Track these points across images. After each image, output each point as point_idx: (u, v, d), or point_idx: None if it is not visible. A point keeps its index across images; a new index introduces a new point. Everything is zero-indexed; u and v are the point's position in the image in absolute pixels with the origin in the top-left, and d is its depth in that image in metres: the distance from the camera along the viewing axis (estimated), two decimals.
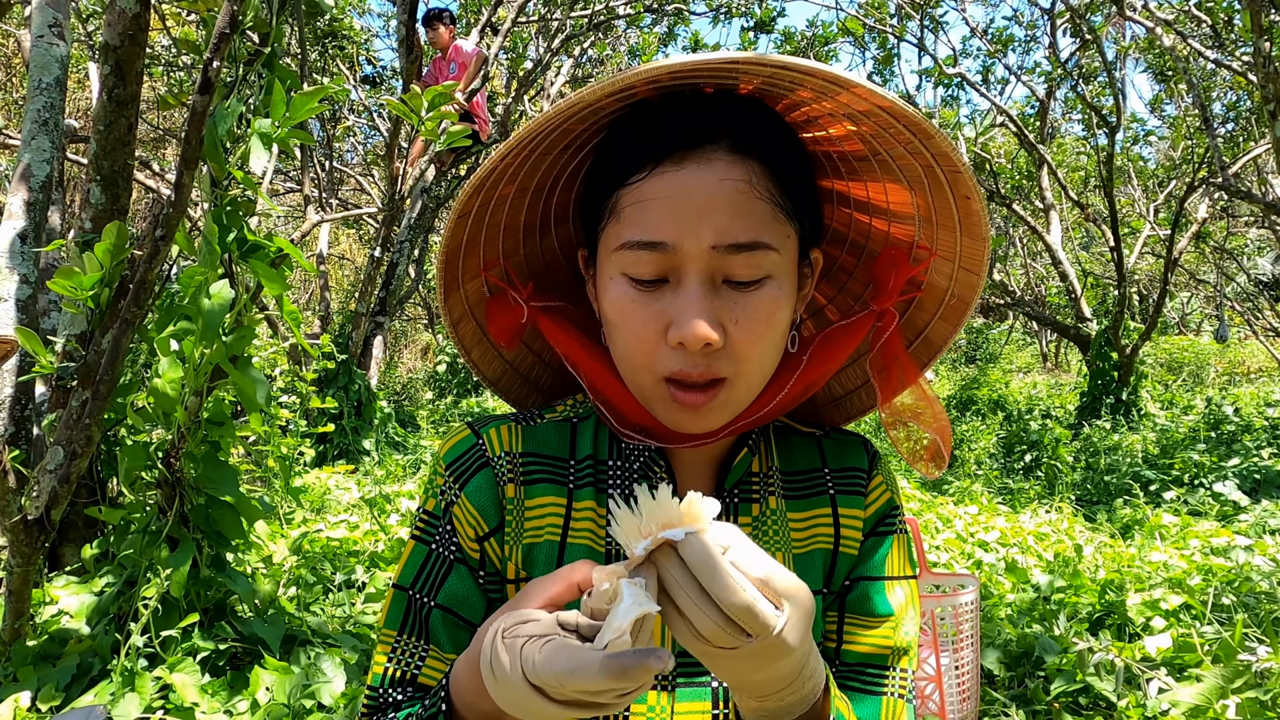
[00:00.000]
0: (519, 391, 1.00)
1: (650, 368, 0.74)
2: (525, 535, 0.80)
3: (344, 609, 3.23)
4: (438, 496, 0.82)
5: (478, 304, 0.90)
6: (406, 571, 0.81)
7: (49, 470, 2.30)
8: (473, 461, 0.81)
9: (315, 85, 2.13)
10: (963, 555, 4.12)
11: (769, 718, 0.68)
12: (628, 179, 0.72)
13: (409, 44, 5.98)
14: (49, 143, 2.76)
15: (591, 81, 8.76)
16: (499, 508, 0.80)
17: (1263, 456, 5.94)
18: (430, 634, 0.79)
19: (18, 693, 2.25)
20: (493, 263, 0.88)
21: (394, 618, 0.80)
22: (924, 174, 0.83)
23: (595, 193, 0.79)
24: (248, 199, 2.29)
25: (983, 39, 11.89)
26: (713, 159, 0.71)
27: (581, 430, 0.86)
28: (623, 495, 0.82)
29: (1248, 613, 2.94)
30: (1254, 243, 16.54)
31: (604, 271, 0.76)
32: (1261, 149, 9.01)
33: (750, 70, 0.71)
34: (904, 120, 0.75)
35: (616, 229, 0.73)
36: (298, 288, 18.83)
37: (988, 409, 9.94)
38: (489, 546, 0.80)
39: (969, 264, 0.87)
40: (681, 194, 0.70)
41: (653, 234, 0.70)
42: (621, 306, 0.74)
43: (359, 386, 7.16)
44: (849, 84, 0.71)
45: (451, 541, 0.80)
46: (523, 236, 0.89)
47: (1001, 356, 19.83)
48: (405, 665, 0.78)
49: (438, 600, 0.79)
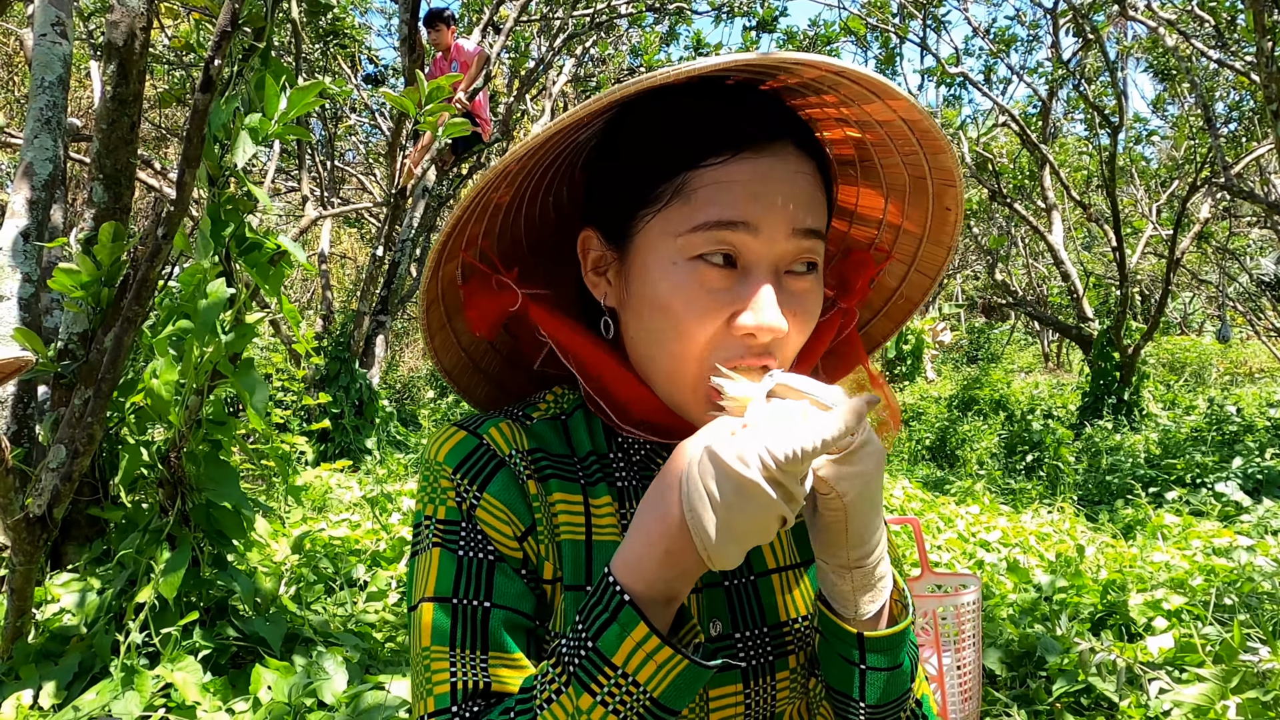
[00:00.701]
0: (469, 380, 0.94)
1: (703, 357, 0.72)
2: (558, 533, 0.77)
3: (345, 608, 3.23)
4: (449, 502, 0.76)
5: (448, 288, 0.85)
6: (441, 583, 0.74)
7: (51, 468, 2.30)
8: (486, 461, 0.77)
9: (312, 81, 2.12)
10: (965, 555, 4.12)
11: (868, 586, 0.71)
12: (700, 161, 0.71)
13: (411, 43, 5.98)
14: (51, 141, 2.77)
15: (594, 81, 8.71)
16: (528, 506, 0.76)
17: (1265, 457, 5.94)
18: (491, 640, 0.72)
19: (20, 690, 2.26)
20: (471, 242, 0.82)
21: (441, 633, 0.73)
22: (910, 184, 0.85)
23: (632, 176, 0.75)
24: (246, 196, 2.28)
25: (985, 38, 11.88)
26: (787, 152, 0.72)
27: (574, 426, 0.83)
28: (634, 489, 0.80)
29: (1250, 613, 2.93)
30: (1256, 243, 16.51)
31: (658, 255, 0.73)
32: (1264, 149, 9.00)
33: (793, 70, 0.73)
34: (926, 137, 0.77)
35: (685, 210, 0.71)
36: (299, 287, 18.85)
37: (990, 409, 9.94)
38: (528, 545, 0.76)
39: (925, 268, 0.91)
40: (763, 179, 0.71)
41: (737, 214, 0.70)
42: (688, 292, 0.71)
43: (361, 385, 7.16)
44: (894, 94, 0.73)
45: (485, 544, 0.75)
46: (499, 215, 0.84)
47: (1003, 356, 19.83)
48: (474, 676, 0.71)
49: (494, 601, 0.73)
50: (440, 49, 7.23)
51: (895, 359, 13.25)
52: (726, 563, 0.61)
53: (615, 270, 0.79)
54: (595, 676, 0.62)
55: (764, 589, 0.81)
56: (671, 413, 0.78)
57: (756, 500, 0.59)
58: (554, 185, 0.87)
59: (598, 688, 0.62)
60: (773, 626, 0.80)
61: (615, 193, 0.77)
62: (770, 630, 0.80)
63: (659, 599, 0.64)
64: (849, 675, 0.74)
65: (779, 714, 0.79)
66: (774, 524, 0.60)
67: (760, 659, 0.78)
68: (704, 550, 0.61)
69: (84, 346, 2.50)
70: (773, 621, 0.80)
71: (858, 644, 0.73)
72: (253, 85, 2.16)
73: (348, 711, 2.34)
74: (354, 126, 13.46)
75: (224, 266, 2.26)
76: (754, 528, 0.60)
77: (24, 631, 2.41)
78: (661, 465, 0.80)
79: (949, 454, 8.17)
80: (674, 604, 0.65)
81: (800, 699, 0.81)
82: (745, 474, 0.59)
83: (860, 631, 0.73)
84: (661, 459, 0.82)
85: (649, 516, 0.65)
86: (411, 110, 2.87)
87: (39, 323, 2.71)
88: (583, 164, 0.86)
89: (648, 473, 0.81)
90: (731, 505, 0.59)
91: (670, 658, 0.62)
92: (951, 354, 19.97)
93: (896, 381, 13.19)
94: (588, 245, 0.81)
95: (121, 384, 2.43)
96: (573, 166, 0.86)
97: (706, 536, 0.61)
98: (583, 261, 0.82)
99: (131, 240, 2.48)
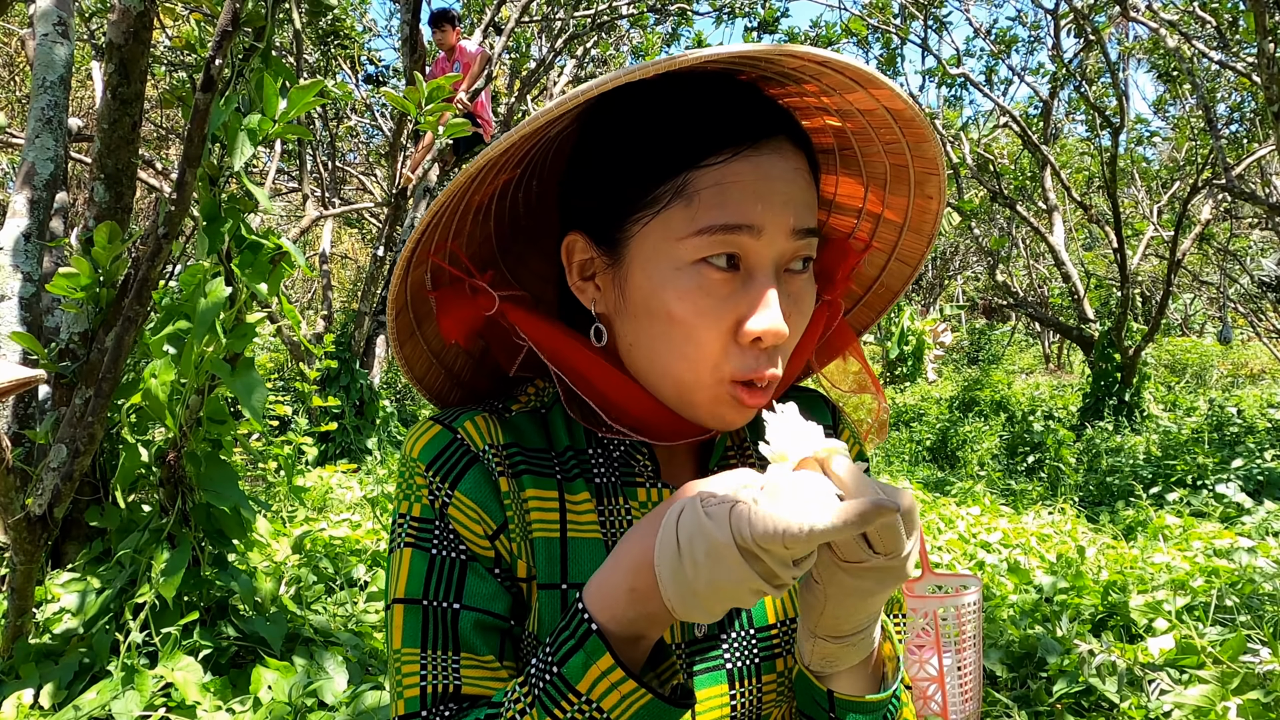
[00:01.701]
0: (441, 385, 0.90)
1: (717, 363, 0.70)
2: (530, 530, 0.75)
3: (346, 608, 3.23)
4: (423, 499, 0.74)
5: (415, 294, 0.81)
6: (412, 583, 0.72)
7: (52, 468, 2.30)
8: (458, 457, 0.75)
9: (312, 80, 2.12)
10: (965, 556, 4.12)
11: (830, 662, 0.69)
12: (701, 161, 0.68)
13: (413, 44, 5.99)
14: (53, 141, 2.77)
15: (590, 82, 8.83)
16: (499, 503, 0.74)
17: (1266, 458, 5.93)
18: (461, 641, 0.71)
19: (20, 690, 2.26)
20: (440, 246, 0.78)
21: (411, 634, 0.71)
22: (890, 172, 0.84)
23: (624, 177, 0.72)
24: (246, 196, 2.28)
25: (986, 39, 11.88)
26: (783, 148, 0.70)
27: (552, 420, 0.81)
28: (613, 485, 0.78)
29: (1251, 614, 2.93)
30: (1257, 244, 16.51)
31: (659, 260, 0.70)
32: (1266, 150, 9.00)
33: (776, 60, 0.71)
34: (909, 126, 0.76)
35: (687, 212, 0.68)
36: (300, 287, 18.85)
37: (990, 410, 9.93)
38: (500, 544, 0.74)
39: (906, 257, 0.90)
40: (765, 178, 0.69)
41: (742, 217, 0.67)
42: (693, 299, 0.68)
43: (361, 385, 7.17)
44: (878, 83, 0.71)
45: (457, 543, 0.73)
46: (469, 214, 0.80)
47: (1004, 357, 19.83)
48: (443, 680, 0.70)
49: (464, 602, 0.72)
50: (444, 49, 7.24)
51: (896, 360, 13.26)
52: (693, 618, 0.59)
53: (607, 276, 0.75)
54: (559, 702, 0.61)
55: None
56: (668, 411, 0.76)
57: (727, 567, 0.55)
58: (523, 180, 0.83)
59: (560, 713, 0.61)
60: (760, 629, 0.79)
61: (604, 195, 0.73)
62: (758, 633, 0.79)
63: (625, 635, 0.62)
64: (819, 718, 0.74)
65: (765, 717, 0.78)
66: (748, 596, 0.56)
67: (747, 662, 0.77)
68: (668, 602, 0.59)
69: (85, 346, 2.51)
70: (760, 624, 0.79)
71: (827, 701, 0.72)
72: (253, 85, 2.15)
73: (348, 712, 2.34)
74: (355, 127, 13.47)
75: (223, 266, 2.26)
76: (723, 594, 0.56)
77: (24, 631, 2.42)
78: (642, 461, 0.80)
79: (950, 455, 8.17)
80: (641, 643, 0.63)
81: (787, 702, 0.80)
82: (718, 538, 0.55)
83: (830, 690, 0.72)
84: (642, 454, 0.80)
85: (626, 547, 0.62)
86: (412, 111, 2.87)
87: (40, 322, 2.71)
88: (564, 162, 0.81)
89: (627, 469, 0.79)
90: (699, 565, 0.56)
91: (634, 690, 0.60)
92: (952, 355, 19.97)
93: (897, 383, 13.19)
94: (573, 250, 0.77)
95: (122, 384, 2.43)
96: (545, 158, 0.82)
97: (670, 590, 0.58)
98: (567, 267, 0.78)
99: (130, 239, 2.48)
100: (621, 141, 0.72)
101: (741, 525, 0.54)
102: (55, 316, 3.07)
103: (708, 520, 0.56)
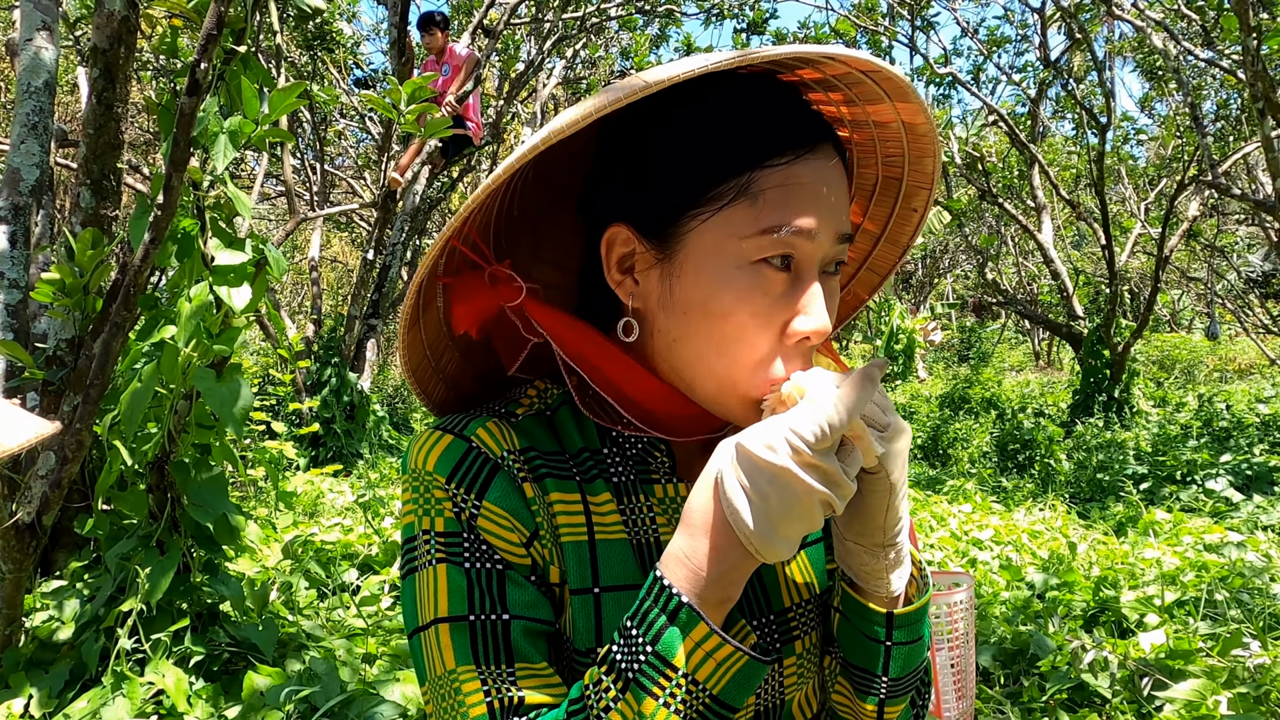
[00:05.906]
0: (428, 381, 0.87)
1: (763, 362, 0.70)
2: (559, 535, 0.74)
3: (338, 612, 3.22)
4: (445, 513, 0.71)
5: (426, 282, 0.78)
6: (453, 600, 0.69)
7: (40, 475, 2.29)
8: (480, 466, 0.72)
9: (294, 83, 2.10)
10: (957, 553, 4.13)
11: (895, 564, 0.73)
12: (766, 161, 0.68)
13: (400, 47, 5.97)
14: (38, 147, 2.75)
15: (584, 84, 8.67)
16: (529, 509, 0.72)
17: (1255, 453, 5.96)
18: (515, 651, 0.69)
19: (10, 699, 2.24)
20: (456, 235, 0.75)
21: (462, 652, 0.68)
22: (879, 183, 0.85)
23: (684, 173, 0.70)
24: (229, 200, 2.27)
25: (974, 38, 11.93)
26: (830, 153, 0.72)
27: (560, 422, 0.79)
28: (631, 483, 0.77)
29: (1241, 609, 2.95)
30: (1244, 240, 16.61)
31: (719, 258, 0.69)
32: (1251, 147, 9.05)
33: (821, 63, 0.72)
34: (920, 141, 0.78)
35: (751, 212, 0.68)
36: (289, 291, 18.78)
37: (981, 408, 9.97)
38: (534, 550, 0.72)
39: (877, 266, 0.92)
40: (821, 181, 0.70)
41: (806, 219, 0.68)
42: (751, 298, 0.68)
43: (352, 390, 7.14)
44: (910, 99, 0.73)
45: (490, 553, 0.71)
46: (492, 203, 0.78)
47: (994, 355, 19.90)
48: (507, 692, 0.68)
49: (511, 612, 0.70)
50: (433, 52, 7.21)
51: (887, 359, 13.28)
52: (776, 555, 0.62)
53: (653, 271, 0.73)
54: (657, 680, 0.61)
55: (767, 576, 0.80)
56: (688, 406, 0.75)
57: (793, 488, 0.60)
58: (520, 171, 0.79)
59: (660, 690, 0.61)
60: (778, 613, 0.79)
61: (658, 189, 0.72)
62: (776, 616, 0.79)
63: (711, 600, 0.63)
64: (873, 652, 0.76)
65: (788, 700, 0.80)
66: (818, 510, 0.61)
67: (768, 646, 0.78)
68: (749, 545, 0.62)
69: (72, 353, 2.49)
70: (778, 608, 0.80)
71: (886, 623, 0.75)
72: (232, 88, 2.14)
73: (340, 718, 2.33)
74: (343, 131, 13.43)
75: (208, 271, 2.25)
76: (797, 516, 0.61)
77: (14, 639, 2.40)
78: (659, 457, 0.79)
79: (941, 453, 8.19)
80: (727, 604, 0.65)
81: (808, 682, 0.81)
82: (775, 461, 0.60)
83: (890, 610, 0.74)
84: (660, 450, 0.79)
85: (690, 515, 0.65)
86: (390, 113, 2.86)
87: (27, 329, 2.69)
88: (568, 154, 0.80)
89: (644, 466, 0.79)
90: (768, 496, 0.60)
91: (730, 655, 0.62)
92: (943, 353, 20.02)
93: (888, 381, 13.22)
94: (614, 243, 0.75)
95: (110, 390, 2.42)
96: (550, 149, 0.79)
97: (749, 531, 0.61)
98: (605, 260, 0.76)
99: (114, 242, 2.47)
100: (679, 136, 0.71)
101: (789, 439, 0.60)
102: (43, 323, 3.05)
103: (757, 452, 0.61)
